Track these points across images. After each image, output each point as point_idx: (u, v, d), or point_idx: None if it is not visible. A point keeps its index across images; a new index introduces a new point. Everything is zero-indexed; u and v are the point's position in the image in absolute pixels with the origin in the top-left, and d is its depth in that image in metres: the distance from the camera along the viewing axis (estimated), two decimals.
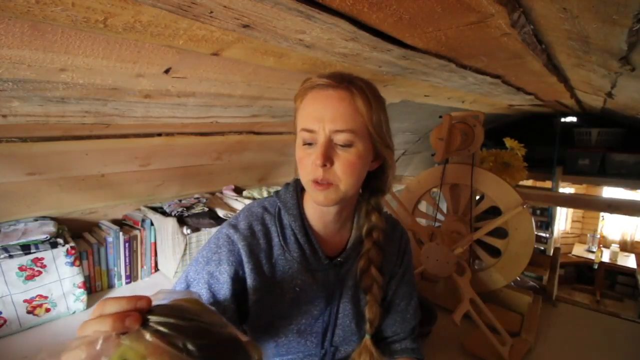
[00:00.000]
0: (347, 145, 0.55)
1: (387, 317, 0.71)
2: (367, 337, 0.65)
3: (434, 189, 1.29)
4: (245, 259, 0.59)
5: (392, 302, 0.72)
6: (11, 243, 1.02)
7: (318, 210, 0.64)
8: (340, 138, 0.55)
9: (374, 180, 0.65)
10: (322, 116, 0.54)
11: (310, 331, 0.64)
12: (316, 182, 0.56)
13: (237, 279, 0.59)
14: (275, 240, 0.62)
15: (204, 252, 0.61)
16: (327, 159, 0.54)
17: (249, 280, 0.59)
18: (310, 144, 0.57)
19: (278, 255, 0.62)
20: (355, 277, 0.66)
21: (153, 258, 1.42)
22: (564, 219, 5.05)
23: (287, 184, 0.69)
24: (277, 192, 0.68)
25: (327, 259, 0.64)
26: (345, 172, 0.56)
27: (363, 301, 0.67)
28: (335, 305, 0.65)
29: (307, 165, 0.57)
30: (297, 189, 0.67)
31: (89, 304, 1.17)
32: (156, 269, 1.45)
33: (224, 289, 0.58)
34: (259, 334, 0.63)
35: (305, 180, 0.59)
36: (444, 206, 1.32)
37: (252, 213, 0.65)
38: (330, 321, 0.65)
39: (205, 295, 0.57)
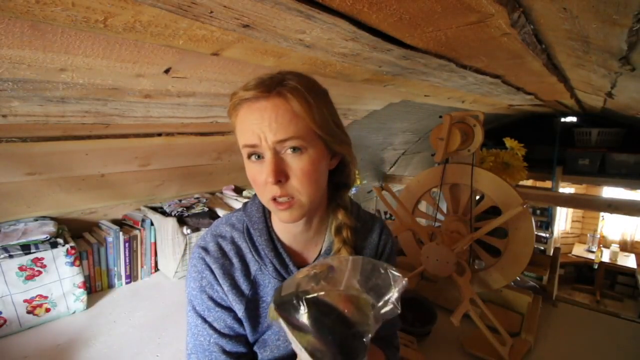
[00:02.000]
0: (297, 153, 0.51)
1: None
2: None
3: (434, 189, 1.29)
4: (220, 280, 0.58)
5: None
6: (11, 243, 1.02)
7: (282, 224, 0.61)
8: (287, 147, 0.51)
9: (336, 176, 0.62)
10: (260, 129, 0.50)
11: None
12: (276, 201, 0.53)
13: (224, 301, 0.59)
14: (249, 256, 0.60)
15: (193, 284, 0.60)
16: (280, 173, 0.50)
17: (230, 299, 0.58)
18: (258, 156, 0.52)
19: (256, 271, 0.60)
20: None
21: (153, 258, 1.42)
22: (564, 219, 5.05)
23: (254, 195, 0.65)
24: (245, 205, 0.65)
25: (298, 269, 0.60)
26: (303, 183, 0.52)
27: None
28: None
29: (261, 185, 0.53)
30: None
31: (89, 304, 1.17)
32: (156, 269, 1.45)
33: (229, 306, 0.59)
34: (262, 351, 0.62)
35: (265, 200, 0.55)
36: (444, 206, 1.32)
37: (219, 233, 0.62)
38: None
39: (227, 317, 0.59)
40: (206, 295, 0.58)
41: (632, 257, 4.31)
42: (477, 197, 1.27)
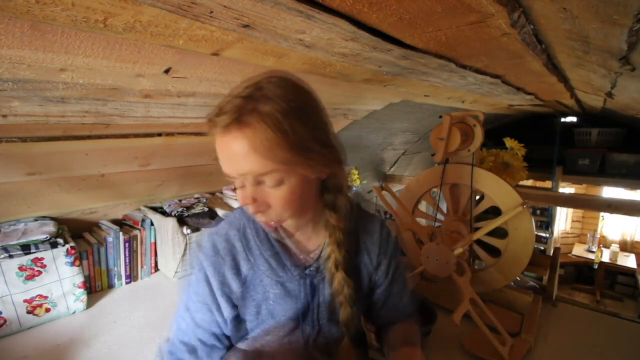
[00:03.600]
0: (277, 184, 0.51)
1: (378, 306, 0.71)
2: (346, 340, 0.64)
3: (434, 189, 1.29)
4: (211, 279, 0.60)
5: (382, 290, 0.71)
6: (11, 243, 1.02)
7: None
8: (266, 180, 0.50)
9: (329, 182, 0.61)
10: (231, 164, 0.50)
11: (290, 340, 0.64)
12: (258, 219, 0.56)
13: (214, 297, 0.61)
14: (242, 255, 0.61)
15: (189, 278, 0.64)
16: (259, 205, 0.52)
17: (218, 296, 0.61)
18: (239, 184, 0.54)
19: (247, 270, 0.61)
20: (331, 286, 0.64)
21: (153, 258, 1.42)
22: (564, 219, 5.05)
23: None
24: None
25: (298, 270, 0.62)
26: (285, 210, 0.53)
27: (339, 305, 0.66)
28: (314, 313, 0.64)
29: (244, 206, 0.55)
30: None
31: (89, 304, 1.18)
32: (156, 269, 1.45)
33: (215, 304, 0.61)
34: (243, 344, 0.65)
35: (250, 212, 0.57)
36: (444, 206, 1.32)
37: (216, 231, 0.64)
38: (311, 328, 0.64)
39: (205, 313, 0.62)
40: (193, 289, 0.62)
41: (632, 257, 4.30)
42: (477, 197, 1.27)
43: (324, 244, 0.64)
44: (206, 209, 1.47)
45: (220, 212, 1.48)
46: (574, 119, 3.37)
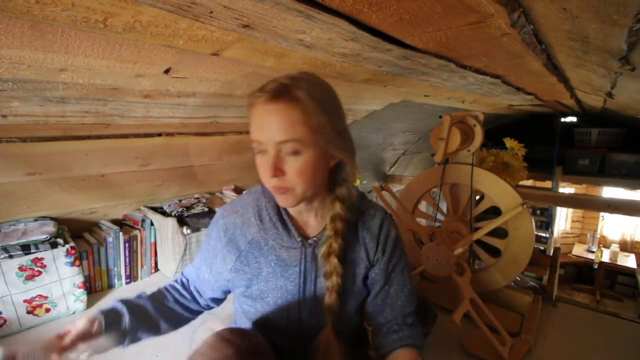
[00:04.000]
0: (295, 153, 0.58)
1: (376, 304, 0.72)
2: (328, 325, 0.66)
3: (434, 189, 1.29)
4: (222, 233, 0.71)
5: (379, 289, 0.72)
6: (11, 243, 1.02)
7: None
8: (286, 148, 0.58)
9: (337, 173, 0.67)
10: (267, 129, 0.58)
11: (287, 305, 0.69)
12: (275, 187, 0.61)
13: (221, 248, 0.71)
14: (252, 219, 0.70)
15: (209, 229, 0.75)
16: (277, 170, 0.58)
17: (225, 251, 0.70)
18: (263, 151, 0.60)
19: (254, 233, 0.69)
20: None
21: (153, 258, 1.42)
22: (564, 219, 5.05)
23: None
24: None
25: (300, 238, 0.68)
26: (297, 179, 0.59)
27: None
28: (311, 282, 0.68)
29: (263, 174, 0.61)
30: None
31: (89, 304, 1.17)
32: (156, 269, 1.45)
33: (217, 261, 0.71)
34: (241, 303, 0.73)
35: (267, 186, 0.63)
36: (444, 206, 1.32)
37: (240, 198, 0.75)
38: (306, 296, 0.69)
39: (206, 269, 0.74)
40: (211, 240, 0.73)
41: (632, 257, 4.30)
42: (477, 197, 1.27)
43: (324, 229, 0.69)
44: (206, 209, 1.47)
45: None
46: (574, 119, 3.37)
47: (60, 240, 1.10)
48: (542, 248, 4.03)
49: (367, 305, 0.73)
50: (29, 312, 1.04)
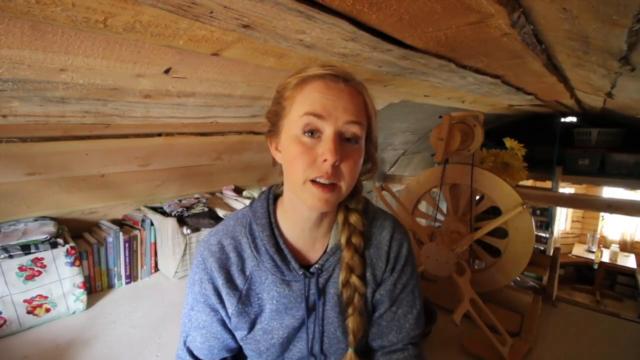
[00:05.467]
0: (355, 140, 0.53)
1: (381, 325, 0.64)
2: (351, 351, 0.60)
3: (434, 189, 1.29)
4: (216, 274, 0.59)
5: (384, 310, 0.64)
6: (11, 243, 1.02)
7: (295, 218, 0.60)
8: (351, 131, 0.52)
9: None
10: (335, 105, 0.51)
11: (295, 342, 0.62)
12: (315, 183, 0.51)
13: (219, 293, 0.60)
14: (248, 252, 0.60)
15: (191, 273, 0.63)
16: (339, 155, 0.50)
17: (223, 294, 0.59)
18: (312, 133, 0.51)
19: (252, 267, 0.60)
20: (338, 286, 0.61)
21: (153, 258, 1.42)
22: (564, 219, 5.05)
23: (261, 193, 0.66)
24: (252, 202, 0.66)
25: (302, 269, 0.60)
26: (350, 172, 0.52)
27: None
28: (319, 314, 0.61)
29: (306, 163, 0.51)
30: (269, 196, 0.64)
31: (89, 304, 1.17)
32: (156, 269, 1.45)
33: (218, 304, 0.60)
34: (244, 346, 0.63)
35: (301, 181, 0.52)
36: (444, 206, 1.32)
37: (223, 227, 0.63)
38: (315, 330, 0.61)
39: (207, 314, 0.61)
40: (198, 292, 0.61)
41: (632, 257, 4.30)
42: (477, 198, 1.27)
43: (330, 239, 0.62)
44: (206, 209, 1.47)
45: (220, 212, 1.48)
46: (574, 119, 3.37)
47: (60, 240, 1.10)
48: (542, 248, 4.03)
49: (371, 323, 0.65)
50: (29, 312, 1.04)
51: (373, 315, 0.65)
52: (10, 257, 1.00)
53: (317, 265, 0.61)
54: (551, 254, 1.40)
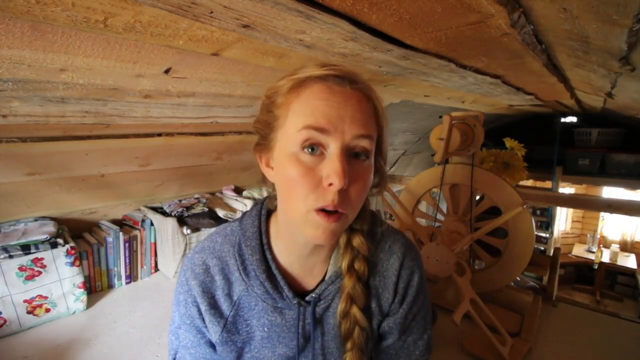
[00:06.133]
0: (362, 159, 0.43)
1: (389, 354, 0.59)
2: None
3: (434, 189, 1.29)
4: (199, 299, 0.53)
5: (393, 340, 0.58)
6: (11, 243, 1.02)
7: (290, 243, 0.52)
8: (360, 145, 0.43)
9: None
10: (341, 115, 0.41)
11: None
12: (322, 212, 0.42)
13: (203, 319, 0.54)
14: (236, 275, 0.53)
15: (175, 292, 0.57)
16: (348, 178, 0.41)
17: (207, 320, 0.53)
18: (313, 149, 0.42)
19: (241, 292, 0.53)
20: (337, 317, 0.54)
21: (153, 258, 1.42)
22: (564, 219, 5.05)
23: (255, 204, 0.58)
24: (242, 216, 0.58)
25: (297, 299, 0.52)
26: (358, 197, 0.44)
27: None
28: (317, 345, 0.54)
29: (309, 187, 0.42)
30: (261, 212, 0.56)
31: (89, 304, 1.17)
32: (156, 269, 1.45)
33: (204, 328, 0.54)
34: None
35: (304, 210, 0.43)
36: (444, 206, 1.32)
37: (210, 244, 0.56)
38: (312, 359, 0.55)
39: (194, 335, 0.55)
40: (183, 309, 0.55)
41: (632, 257, 4.30)
42: (477, 198, 1.27)
43: (329, 266, 0.55)
44: (206, 209, 1.47)
45: (220, 212, 1.48)
46: (574, 119, 3.37)
47: (60, 240, 1.10)
48: (542, 248, 4.03)
49: (379, 354, 0.59)
50: (29, 312, 1.04)
51: (380, 343, 0.59)
52: (10, 257, 1.00)
53: (313, 295, 0.53)
54: (551, 254, 1.40)
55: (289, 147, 0.43)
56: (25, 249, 1.02)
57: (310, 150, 0.42)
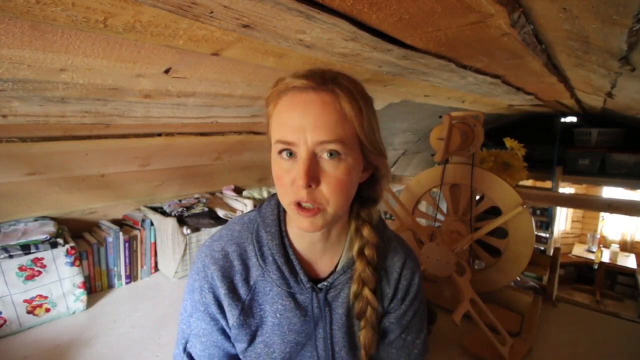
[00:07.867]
0: (335, 159, 0.47)
1: (390, 352, 0.62)
2: None
3: (434, 189, 1.29)
4: (218, 283, 0.55)
5: (394, 337, 0.63)
6: (11, 243, 1.02)
7: (300, 230, 0.55)
8: (326, 151, 0.46)
9: (365, 190, 0.57)
10: (302, 125, 0.45)
11: (299, 359, 0.59)
12: (299, 206, 0.48)
13: (219, 303, 0.56)
14: (253, 260, 0.56)
15: (190, 280, 0.59)
16: (312, 178, 0.46)
17: (225, 304, 0.56)
18: (290, 153, 0.47)
19: (257, 277, 0.56)
20: (348, 304, 0.58)
21: (153, 258, 1.42)
22: (564, 219, 5.05)
23: (272, 195, 0.61)
24: (260, 205, 0.62)
25: (310, 283, 0.56)
26: (333, 192, 0.47)
27: (357, 329, 0.60)
28: (326, 332, 0.58)
29: (287, 185, 0.48)
30: (278, 202, 0.59)
31: (89, 304, 1.17)
32: (156, 269, 1.45)
33: (218, 314, 0.56)
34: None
35: (286, 203, 0.50)
36: (444, 206, 1.32)
37: (228, 232, 0.59)
38: (320, 349, 0.59)
39: (207, 322, 0.57)
40: (198, 296, 0.57)
41: (632, 257, 4.30)
42: (477, 198, 1.27)
43: (341, 257, 0.59)
44: (206, 209, 1.47)
45: (220, 212, 1.48)
46: (574, 119, 3.37)
47: (60, 240, 1.10)
48: (542, 248, 4.03)
49: (380, 348, 0.62)
50: (29, 312, 1.04)
51: (382, 340, 0.62)
52: (10, 257, 1.00)
53: (325, 283, 0.57)
54: (551, 254, 1.40)
55: (274, 151, 0.50)
56: (25, 248, 1.02)
57: (287, 155, 0.48)
